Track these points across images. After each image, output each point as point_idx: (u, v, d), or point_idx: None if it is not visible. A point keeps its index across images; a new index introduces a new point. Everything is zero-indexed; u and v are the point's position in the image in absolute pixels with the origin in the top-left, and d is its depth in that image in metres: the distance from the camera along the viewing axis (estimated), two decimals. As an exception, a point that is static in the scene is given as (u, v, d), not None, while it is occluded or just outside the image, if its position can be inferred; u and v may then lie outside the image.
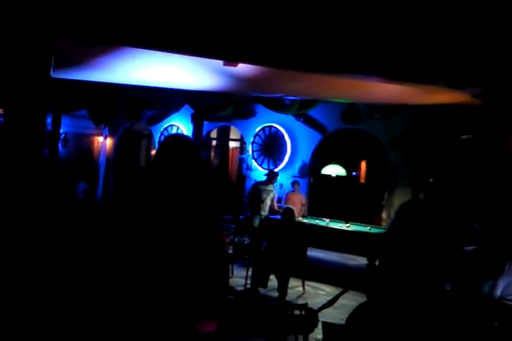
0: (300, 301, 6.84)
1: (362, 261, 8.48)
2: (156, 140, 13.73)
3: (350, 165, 10.39)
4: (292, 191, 9.85)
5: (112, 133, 14.74)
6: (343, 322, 1.66)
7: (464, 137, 6.97)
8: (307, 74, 4.47)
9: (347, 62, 3.95)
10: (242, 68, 4.21)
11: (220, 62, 4.10)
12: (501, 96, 4.83)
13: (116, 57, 5.09)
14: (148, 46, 4.06)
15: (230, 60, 3.81)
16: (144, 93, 10.13)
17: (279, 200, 10.91)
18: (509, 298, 2.92)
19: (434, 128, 8.15)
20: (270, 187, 9.38)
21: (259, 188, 9.36)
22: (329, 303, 2.35)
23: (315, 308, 2.86)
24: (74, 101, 9.62)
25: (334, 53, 3.91)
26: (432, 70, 4.26)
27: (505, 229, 3.43)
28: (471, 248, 3.03)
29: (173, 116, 12.95)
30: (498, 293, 2.94)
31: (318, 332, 3.39)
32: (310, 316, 2.31)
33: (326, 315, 5.58)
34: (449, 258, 1.53)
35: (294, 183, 10.02)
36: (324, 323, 2.84)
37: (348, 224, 8.80)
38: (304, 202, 9.75)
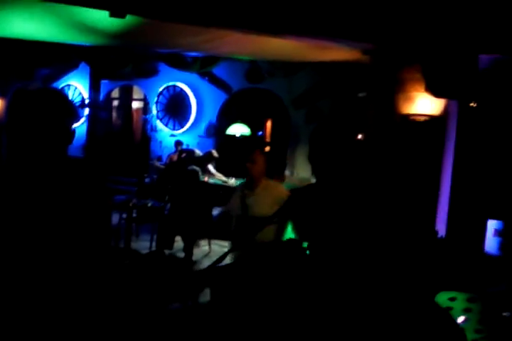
0: (206, 260, 6.93)
1: (267, 217, 8.70)
2: (53, 100, 12.86)
3: (255, 124, 10.44)
4: (174, 152, 9.68)
5: (1, 94, 13.60)
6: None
7: (360, 95, 7.19)
8: (202, 28, 4.30)
9: (229, 16, 3.84)
10: (131, 20, 3.96)
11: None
12: (387, 52, 5.01)
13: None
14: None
15: (115, 12, 3.56)
16: (37, 49, 9.36)
17: (159, 158, 10.71)
18: None
19: (334, 86, 8.34)
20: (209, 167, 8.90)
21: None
22: (217, 261, 2.34)
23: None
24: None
25: (217, 7, 3.78)
26: (319, 24, 4.27)
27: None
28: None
29: (71, 74, 12.16)
30: None
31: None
32: (197, 276, 2.30)
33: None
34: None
35: (176, 143, 9.86)
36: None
37: (253, 183, 8.92)
38: None
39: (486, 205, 4.80)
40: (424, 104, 5.18)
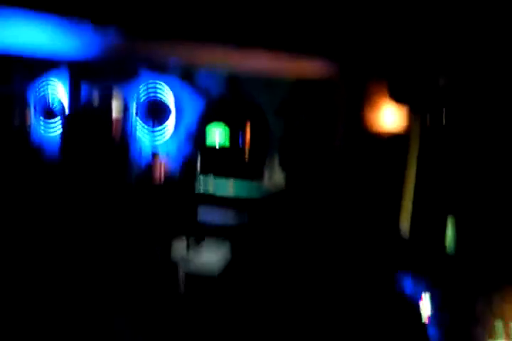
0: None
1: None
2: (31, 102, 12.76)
3: (235, 131, 10.60)
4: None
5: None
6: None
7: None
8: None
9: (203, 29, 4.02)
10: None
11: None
12: (352, 69, 5.25)
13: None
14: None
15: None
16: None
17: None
18: None
19: (307, 101, 8.69)
20: None
21: None
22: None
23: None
24: None
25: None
26: (283, 39, 4.48)
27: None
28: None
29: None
30: None
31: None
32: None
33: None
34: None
35: (154, 155, 9.95)
36: None
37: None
38: None
39: (447, 203, 5.00)
40: (388, 119, 5.43)
